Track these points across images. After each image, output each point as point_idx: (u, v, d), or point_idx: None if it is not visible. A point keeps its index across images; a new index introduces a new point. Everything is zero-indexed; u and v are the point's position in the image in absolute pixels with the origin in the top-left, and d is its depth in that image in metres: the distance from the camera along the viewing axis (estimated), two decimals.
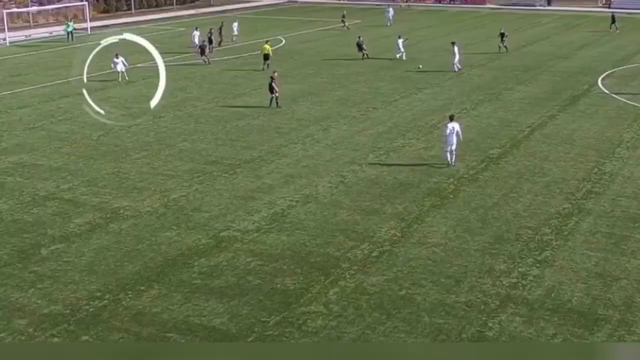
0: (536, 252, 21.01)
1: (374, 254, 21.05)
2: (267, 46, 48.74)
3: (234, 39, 60.48)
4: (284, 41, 61.29)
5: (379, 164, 29.00)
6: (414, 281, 19.39)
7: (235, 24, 61.70)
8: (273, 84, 37.87)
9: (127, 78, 45.84)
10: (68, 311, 18.11)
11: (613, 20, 65.32)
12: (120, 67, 45.91)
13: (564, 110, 37.36)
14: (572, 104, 38.54)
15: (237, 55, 54.60)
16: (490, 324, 17.26)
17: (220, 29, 58.72)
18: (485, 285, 19.09)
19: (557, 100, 39.36)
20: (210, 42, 54.22)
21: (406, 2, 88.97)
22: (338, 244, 21.72)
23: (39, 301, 18.61)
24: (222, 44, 58.02)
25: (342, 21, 68.62)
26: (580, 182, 26.70)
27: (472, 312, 17.82)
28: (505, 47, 54.46)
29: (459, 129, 28.06)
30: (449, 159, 28.24)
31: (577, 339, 16.60)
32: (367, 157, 29.92)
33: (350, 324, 17.38)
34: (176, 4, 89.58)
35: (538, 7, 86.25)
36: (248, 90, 42.81)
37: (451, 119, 28.52)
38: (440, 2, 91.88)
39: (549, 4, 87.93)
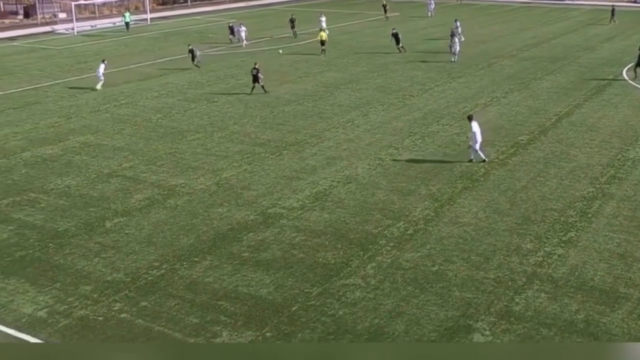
0: (561, 233, 20.73)
1: (409, 232, 20.96)
2: (322, 33, 51.35)
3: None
4: (327, 32, 60.96)
5: (415, 148, 28.81)
6: (446, 258, 19.28)
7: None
8: (259, 75, 38.10)
9: (97, 89, 39.95)
10: (129, 279, 18.36)
11: (612, 14, 65.39)
12: (100, 75, 40.28)
13: (589, 99, 36.69)
14: (598, 94, 37.84)
15: (284, 45, 54.53)
16: (517, 300, 17.10)
17: (292, 21, 58.30)
18: (513, 263, 18.92)
19: (583, 90, 38.68)
20: (233, 32, 55.90)
21: None
22: (376, 222, 21.68)
23: (103, 269, 18.87)
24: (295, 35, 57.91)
25: (385, 10, 69.42)
26: (604, 167, 26.25)
27: (500, 288, 17.68)
28: (401, 48, 51.48)
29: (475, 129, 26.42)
30: (478, 156, 26.82)
31: (598, 315, 16.38)
32: (403, 141, 29.74)
33: (386, 296, 17.36)
34: None
35: (567, 2, 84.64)
36: (294, 77, 42.77)
37: (470, 119, 26.83)
38: None
39: None
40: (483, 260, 19.12)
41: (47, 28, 66.16)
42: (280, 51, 50.44)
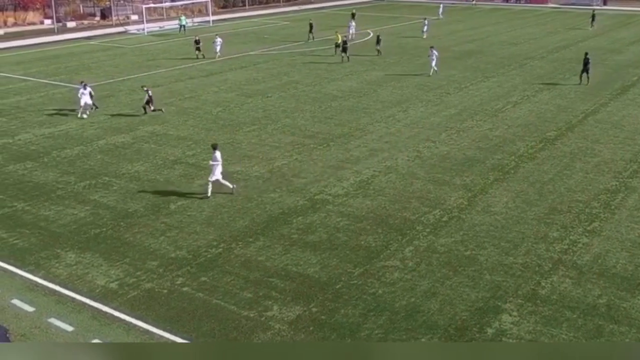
0: (586, 223, 20.30)
1: (444, 219, 20.74)
2: (338, 36, 49.56)
3: (353, 37, 58.38)
4: (371, 34, 60.53)
5: (450, 141, 28.47)
6: (478, 243, 19.03)
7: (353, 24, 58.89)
8: (150, 95, 32.93)
9: (85, 115, 32.93)
10: (190, 256, 18.54)
11: (593, 18, 63.21)
12: (85, 100, 32.84)
13: (614, 98, 35.77)
14: (623, 93, 36.86)
15: (331, 46, 54.25)
16: (543, 284, 16.81)
17: (311, 26, 57.10)
18: (540, 250, 18.59)
19: (608, 90, 37.72)
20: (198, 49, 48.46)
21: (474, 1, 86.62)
22: (413, 209, 21.50)
23: (167, 247, 19.09)
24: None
25: (353, 16, 63.43)
26: (627, 162, 25.58)
27: (527, 272, 17.40)
28: (379, 50, 49.38)
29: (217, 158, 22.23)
30: (209, 189, 22.47)
31: (619, 300, 16.01)
32: (440, 135, 29.41)
33: (422, 277, 17.22)
34: (282, 1, 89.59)
35: (595, 7, 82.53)
36: (340, 75, 42.58)
37: (214, 148, 22.40)
38: (507, 2, 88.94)
39: (604, 3, 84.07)
40: (512, 246, 18.83)
41: (121, 28, 66.99)
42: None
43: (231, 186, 22.68)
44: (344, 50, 46.78)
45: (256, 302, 16.13)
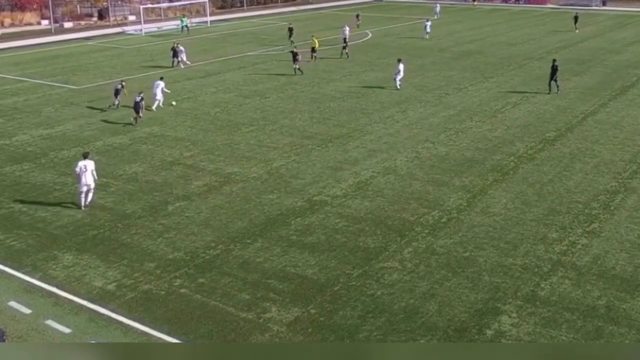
0: (585, 224, 20.31)
1: (443, 220, 20.75)
2: (315, 40, 47.89)
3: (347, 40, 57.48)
4: (370, 35, 60.61)
5: (449, 142, 28.49)
6: (477, 245, 19.05)
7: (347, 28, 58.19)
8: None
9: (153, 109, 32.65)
10: (188, 257, 18.53)
11: (576, 20, 62.87)
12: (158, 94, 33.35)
13: (614, 99, 35.82)
14: (622, 94, 36.92)
15: (329, 46, 54.27)
16: (543, 285, 16.82)
17: (290, 30, 55.72)
18: (539, 251, 18.60)
19: (608, 90, 37.77)
20: (175, 56, 45.87)
21: (474, 1, 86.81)
22: (412, 210, 21.51)
23: (165, 248, 19.08)
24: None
25: (357, 18, 65.42)
26: (627, 163, 25.62)
27: (526, 273, 17.40)
28: (347, 54, 48.75)
29: (93, 168, 21.66)
30: (82, 201, 21.83)
31: (619, 302, 16.03)
32: (439, 136, 29.43)
33: (421, 279, 17.23)
34: (280, 2, 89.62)
35: (594, 7, 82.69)
36: (339, 76, 42.59)
37: (85, 156, 21.79)
38: (506, 2, 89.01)
39: (604, 4, 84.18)
40: (511, 247, 18.84)
41: (118, 29, 67.03)
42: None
43: (82, 207, 21.64)
44: (295, 60, 42.67)
45: (254, 303, 16.13)
